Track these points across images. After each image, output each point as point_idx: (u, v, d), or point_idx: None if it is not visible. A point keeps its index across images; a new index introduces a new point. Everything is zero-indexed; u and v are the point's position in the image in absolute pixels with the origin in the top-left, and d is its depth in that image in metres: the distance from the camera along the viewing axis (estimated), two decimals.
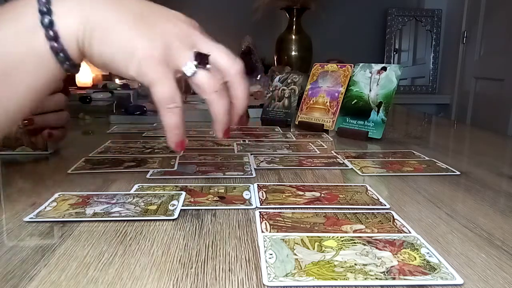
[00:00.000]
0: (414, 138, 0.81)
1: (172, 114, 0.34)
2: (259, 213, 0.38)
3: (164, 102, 0.33)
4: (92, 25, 0.31)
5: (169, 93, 0.33)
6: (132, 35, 0.32)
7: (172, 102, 0.33)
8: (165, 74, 0.32)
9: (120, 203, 0.40)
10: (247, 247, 0.32)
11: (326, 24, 2.16)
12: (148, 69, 0.32)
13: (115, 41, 0.32)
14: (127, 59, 0.32)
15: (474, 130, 1.09)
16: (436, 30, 2.24)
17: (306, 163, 0.58)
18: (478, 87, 1.97)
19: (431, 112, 2.05)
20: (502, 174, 0.55)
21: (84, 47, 0.32)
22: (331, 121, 0.82)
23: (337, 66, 0.88)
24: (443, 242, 0.33)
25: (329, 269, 0.28)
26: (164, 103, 0.33)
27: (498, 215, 0.40)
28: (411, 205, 0.42)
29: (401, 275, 0.27)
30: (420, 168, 0.55)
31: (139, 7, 0.33)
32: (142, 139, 0.73)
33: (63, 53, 0.31)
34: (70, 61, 0.32)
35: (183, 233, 0.34)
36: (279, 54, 1.74)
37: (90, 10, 0.31)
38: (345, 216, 0.38)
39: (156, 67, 0.32)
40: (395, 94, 0.76)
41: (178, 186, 0.46)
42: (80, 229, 0.35)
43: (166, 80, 0.32)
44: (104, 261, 0.29)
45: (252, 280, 0.27)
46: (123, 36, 0.32)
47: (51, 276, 0.27)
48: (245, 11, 1.82)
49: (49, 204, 0.40)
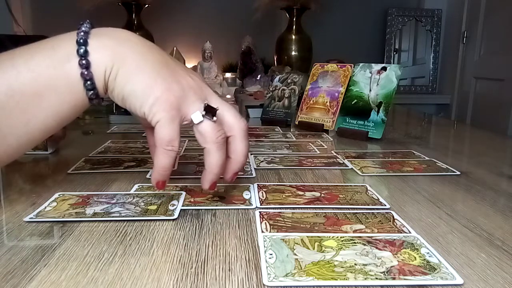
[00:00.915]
0: (414, 138, 0.81)
1: (166, 155, 0.35)
2: (259, 213, 0.38)
3: (164, 143, 0.35)
4: (121, 62, 0.34)
5: (170, 136, 0.35)
6: (154, 77, 0.35)
7: (170, 145, 0.35)
8: (173, 117, 0.35)
9: (120, 203, 0.40)
10: (247, 247, 0.32)
11: (326, 24, 2.16)
12: (160, 109, 0.34)
13: (138, 80, 0.35)
14: (144, 97, 0.34)
15: (474, 130, 1.09)
16: (436, 30, 2.24)
17: (306, 163, 0.58)
18: (478, 87, 1.97)
19: (431, 112, 2.05)
20: (502, 174, 0.55)
21: (109, 80, 0.35)
22: (331, 121, 0.82)
23: (337, 66, 0.88)
24: (443, 242, 0.33)
25: (329, 269, 0.28)
26: (164, 143, 0.35)
27: (498, 215, 0.40)
28: (411, 205, 0.42)
29: (401, 275, 0.27)
30: (420, 168, 0.55)
31: (163, 58, 0.37)
32: (142, 139, 0.73)
33: (91, 81, 0.34)
34: (95, 90, 0.34)
35: (183, 233, 0.34)
36: (279, 54, 1.74)
37: (121, 49, 0.35)
38: (345, 216, 0.38)
39: (168, 110, 0.35)
40: (395, 94, 0.76)
41: (178, 186, 0.46)
42: (80, 229, 0.35)
43: (172, 123, 0.35)
44: (104, 261, 0.29)
45: (252, 280, 0.27)
46: (146, 77, 0.35)
47: (51, 276, 0.27)
48: (245, 11, 1.82)
49: (49, 204, 0.40)
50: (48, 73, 0.33)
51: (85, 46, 0.33)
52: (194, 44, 2.00)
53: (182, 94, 0.36)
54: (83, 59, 0.33)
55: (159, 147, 0.35)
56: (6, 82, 0.32)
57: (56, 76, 0.33)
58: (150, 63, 0.35)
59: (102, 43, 0.34)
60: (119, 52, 0.34)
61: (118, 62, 0.34)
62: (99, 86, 0.35)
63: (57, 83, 0.33)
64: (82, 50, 0.33)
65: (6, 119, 0.33)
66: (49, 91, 0.33)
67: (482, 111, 1.92)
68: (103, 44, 0.34)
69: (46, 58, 0.33)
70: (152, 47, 0.37)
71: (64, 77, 0.33)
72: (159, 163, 0.36)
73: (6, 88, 0.32)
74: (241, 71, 1.36)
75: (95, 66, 0.34)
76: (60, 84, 0.33)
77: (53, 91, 0.33)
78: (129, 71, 0.34)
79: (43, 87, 0.33)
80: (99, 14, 1.88)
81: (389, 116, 0.76)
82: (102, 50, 0.34)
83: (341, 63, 0.89)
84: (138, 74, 0.35)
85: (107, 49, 0.34)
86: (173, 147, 0.35)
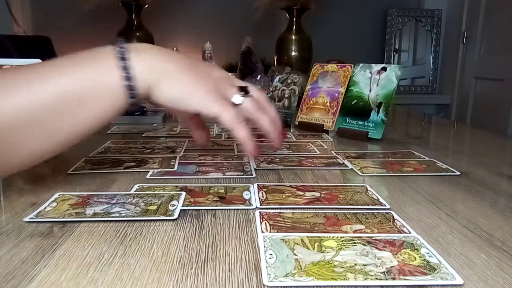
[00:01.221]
0: (414, 138, 0.81)
1: (242, 128, 0.42)
2: (259, 213, 0.38)
3: (232, 123, 0.42)
4: (161, 73, 0.40)
5: (232, 116, 0.42)
6: (191, 81, 0.41)
7: (237, 121, 0.42)
8: (223, 105, 0.42)
9: (120, 203, 0.40)
10: (247, 247, 0.32)
11: (326, 24, 2.16)
12: (209, 105, 0.41)
13: (179, 85, 0.41)
14: (189, 98, 0.41)
15: (474, 130, 1.09)
16: (436, 30, 2.24)
17: (306, 163, 0.58)
18: (478, 87, 1.97)
19: (431, 112, 2.05)
20: (502, 174, 0.55)
21: (150, 89, 0.40)
22: (331, 121, 0.82)
23: (337, 66, 0.88)
24: (443, 242, 0.33)
25: (329, 269, 0.28)
26: (232, 123, 0.42)
27: (498, 215, 0.40)
28: (411, 205, 0.42)
29: (401, 275, 0.27)
30: (420, 168, 0.55)
31: (190, 60, 0.43)
32: (142, 139, 0.73)
33: (133, 90, 0.39)
34: (135, 98, 0.39)
35: (183, 233, 0.34)
36: (279, 54, 1.74)
37: (156, 61, 0.41)
38: (345, 216, 0.38)
39: (215, 102, 0.41)
40: (395, 94, 0.76)
41: (178, 186, 0.46)
42: (80, 229, 0.35)
43: (226, 108, 0.42)
44: (104, 262, 0.29)
45: (252, 280, 0.27)
46: (185, 82, 0.41)
47: (51, 277, 0.27)
48: (245, 11, 1.82)
49: (49, 204, 0.40)
50: (93, 83, 0.38)
51: (126, 61, 0.38)
52: (194, 44, 2.00)
53: (218, 86, 0.43)
54: (127, 72, 0.38)
55: (233, 126, 0.42)
56: (57, 88, 0.37)
57: (100, 85, 0.38)
58: (182, 69, 0.41)
59: (140, 58, 0.39)
60: (156, 64, 0.40)
61: (159, 73, 0.40)
62: (140, 94, 0.40)
63: (100, 91, 0.38)
64: (124, 64, 0.38)
65: (57, 120, 0.37)
66: (94, 97, 0.38)
67: (482, 111, 1.92)
68: (142, 58, 0.39)
69: (90, 69, 0.38)
70: (179, 54, 0.44)
71: (107, 87, 0.38)
72: (242, 136, 0.42)
73: (57, 93, 0.37)
74: (241, 71, 1.36)
75: (137, 77, 0.39)
76: (102, 92, 0.38)
77: (97, 98, 0.38)
78: (169, 80, 0.40)
79: (89, 94, 0.38)
80: (99, 14, 1.89)
81: (389, 116, 0.76)
82: (142, 64, 0.39)
83: (341, 63, 0.89)
84: (177, 81, 0.41)
85: (146, 62, 0.40)
86: (240, 121, 0.42)
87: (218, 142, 0.71)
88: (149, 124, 0.89)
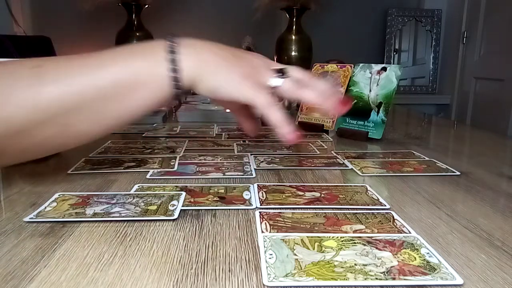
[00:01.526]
0: (414, 138, 0.81)
1: (274, 111, 0.42)
2: (259, 213, 0.38)
3: (266, 106, 0.42)
4: (205, 66, 0.42)
5: (265, 99, 0.43)
6: (233, 69, 0.43)
7: (271, 105, 0.43)
8: (258, 90, 0.43)
9: (120, 203, 0.40)
10: (247, 247, 0.32)
11: (326, 24, 2.16)
12: (243, 91, 0.43)
13: (222, 75, 0.43)
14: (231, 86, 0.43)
15: (474, 130, 1.09)
16: (436, 30, 2.24)
17: (306, 163, 0.58)
18: (478, 87, 1.96)
19: (431, 112, 2.05)
20: (502, 174, 0.55)
21: (194, 82, 0.42)
22: (331, 121, 0.82)
23: (337, 66, 0.88)
24: (443, 242, 0.33)
25: (329, 269, 0.28)
26: (266, 107, 0.42)
27: (498, 215, 0.40)
28: (411, 205, 0.42)
29: (401, 275, 0.27)
30: (420, 169, 0.55)
31: (228, 49, 0.45)
32: (142, 139, 0.73)
33: (178, 82, 0.41)
34: (180, 89, 0.41)
35: (183, 233, 0.34)
36: (279, 54, 1.73)
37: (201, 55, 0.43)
38: (345, 216, 0.38)
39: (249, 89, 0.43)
40: (395, 94, 0.76)
41: (178, 186, 0.46)
42: (80, 230, 0.35)
43: (260, 93, 0.43)
44: (104, 262, 0.29)
45: (252, 280, 0.27)
46: (226, 71, 0.43)
47: (51, 277, 0.27)
48: (245, 11, 1.82)
49: (49, 204, 0.40)
50: (143, 73, 0.40)
51: (175, 54, 0.41)
52: None
53: (256, 71, 0.44)
54: (173, 64, 0.40)
55: (267, 110, 0.42)
56: (111, 75, 0.39)
57: (149, 75, 0.40)
58: (223, 59, 0.43)
59: (188, 52, 0.41)
60: (201, 58, 0.42)
61: (203, 66, 0.42)
62: (185, 85, 0.42)
63: (149, 80, 0.40)
64: (173, 57, 0.40)
65: (107, 105, 0.40)
66: (144, 85, 0.40)
67: (482, 111, 1.92)
68: (189, 52, 0.41)
69: (141, 60, 0.41)
70: (217, 44, 0.45)
71: (155, 77, 0.40)
72: (275, 119, 0.42)
73: (111, 80, 0.39)
74: None
75: (183, 71, 0.41)
76: (151, 81, 0.40)
77: (146, 87, 0.40)
78: (214, 71, 0.42)
79: (139, 83, 0.40)
80: (99, 14, 1.88)
81: (389, 117, 0.76)
82: (188, 58, 0.41)
83: (341, 64, 0.89)
84: (220, 72, 0.43)
85: (193, 56, 0.42)
86: (274, 104, 0.43)
87: (218, 142, 0.71)
88: (149, 124, 0.89)
